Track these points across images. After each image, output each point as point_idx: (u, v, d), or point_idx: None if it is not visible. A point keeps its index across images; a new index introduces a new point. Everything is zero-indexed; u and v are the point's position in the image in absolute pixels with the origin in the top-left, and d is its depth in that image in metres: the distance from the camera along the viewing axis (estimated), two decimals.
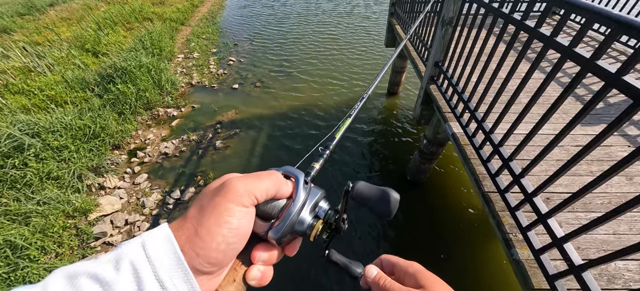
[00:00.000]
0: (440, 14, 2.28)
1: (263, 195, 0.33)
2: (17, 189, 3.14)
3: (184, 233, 0.29)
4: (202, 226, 0.29)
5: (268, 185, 0.34)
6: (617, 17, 0.92)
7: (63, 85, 4.70)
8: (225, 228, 0.29)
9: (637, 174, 1.75)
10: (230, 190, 0.31)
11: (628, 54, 3.15)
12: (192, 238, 0.29)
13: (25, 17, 8.69)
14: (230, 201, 0.30)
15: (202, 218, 0.29)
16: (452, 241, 3.06)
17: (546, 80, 1.24)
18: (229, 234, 0.30)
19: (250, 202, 0.32)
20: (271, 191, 0.34)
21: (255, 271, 0.35)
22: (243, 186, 0.31)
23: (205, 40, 8.05)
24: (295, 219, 0.35)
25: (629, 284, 1.27)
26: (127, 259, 0.26)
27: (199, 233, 0.29)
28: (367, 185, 0.37)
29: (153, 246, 0.27)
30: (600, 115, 2.28)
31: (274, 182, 0.35)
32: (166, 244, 0.28)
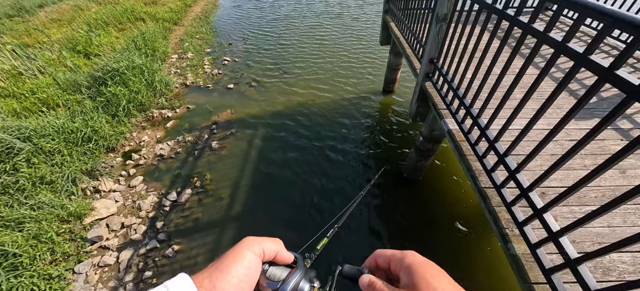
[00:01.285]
0: (434, 11, 2.28)
1: (268, 249, 0.44)
2: (10, 194, 3.08)
3: (205, 272, 0.38)
4: (222, 263, 0.39)
5: (272, 244, 0.44)
6: (609, 11, 0.92)
7: (54, 87, 4.62)
8: (240, 265, 0.39)
9: (630, 167, 1.77)
10: (245, 241, 0.42)
11: (620, 48, 3.19)
12: (212, 273, 0.37)
13: (14, 19, 8.52)
14: (244, 248, 0.41)
15: (223, 258, 0.39)
16: (451, 237, 3.09)
17: (540, 76, 1.25)
18: (241, 270, 0.39)
19: (258, 251, 0.42)
20: (273, 249, 0.44)
21: None
22: (254, 240, 0.43)
23: (199, 40, 7.97)
24: (298, 282, 0.44)
25: (624, 276, 1.28)
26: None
27: (219, 268, 0.38)
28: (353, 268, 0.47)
29: (175, 287, 0.34)
30: (594, 109, 2.30)
31: (277, 243, 0.45)
32: (186, 287, 0.34)
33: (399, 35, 3.97)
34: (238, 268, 0.38)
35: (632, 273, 1.29)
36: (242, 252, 0.40)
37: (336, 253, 3.00)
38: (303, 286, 0.44)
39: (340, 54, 7.00)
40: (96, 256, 3.01)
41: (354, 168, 4.02)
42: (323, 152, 4.28)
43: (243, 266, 0.39)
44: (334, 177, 3.90)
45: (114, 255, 3.03)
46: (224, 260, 0.39)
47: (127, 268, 2.94)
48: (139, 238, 3.19)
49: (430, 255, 0.37)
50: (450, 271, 0.36)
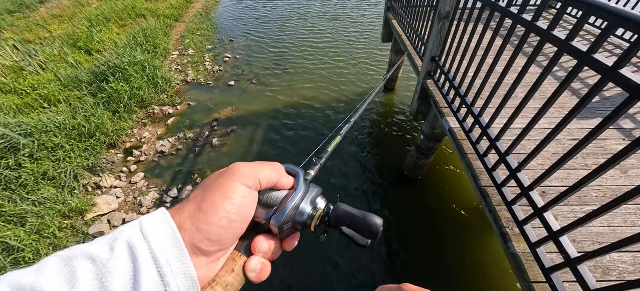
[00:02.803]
0: (436, 9, 2.27)
1: (266, 180, 0.35)
2: (12, 190, 3.10)
3: (186, 210, 0.30)
4: (206, 201, 0.30)
5: (271, 173, 0.36)
6: (614, 10, 0.91)
7: (56, 83, 4.62)
8: (229, 204, 0.31)
9: (631, 167, 1.77)
10: (235, 171, 0.33)
11: (624, 47, 3.16)
12: (194, 213, 0.29)
13: (15, 15, 8.51)
14: (236, 180, 0.32)
15: (206, 194, 0.31)
16: (450, 236, 3.09)
17: (543, 75, 1.24)
18: (232, 209, 0.31)
19: (253, 184, 0.34)
20: (273, 178, 0.36)
21: (255, 262, 0.34)
22: (248, 168, 0.34)
23: (200, 37, 7.95)
24: (297, 205, 0.36)
25: (624, 275, 1.28)
26: (123, 238, 0.26)
27: (202, 208, 0.30)
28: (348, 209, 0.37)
29: (150, 225, 0.27)
30: (596, 109, 2.29)
31: (277, 171, 0.37)
32: (163, 223, 0.28)
33: (401, 32, 3.95)
34: (227, 207, 0.30)
35: (632, 273, 1.29)
36: (233, 186, 0.32)
37: (337, 253, 3.02)
38: (303, 209, 0.37)
39: (342, 51, 6.97)
40: None
41: (355, 166, 4.02)
42: None
43: (234, 203, 0.31)
44: (335, 174, 3.90)
45: None
46: (209, 195, 0.30)
47: None
48: None
49: (430, 256, 0.37)
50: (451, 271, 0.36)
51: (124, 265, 0.25)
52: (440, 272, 2.81)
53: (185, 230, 0.28)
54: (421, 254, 2.97)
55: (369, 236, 0.35)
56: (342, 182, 3.79)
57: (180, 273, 0.27)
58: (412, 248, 3.03)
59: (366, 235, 0.35)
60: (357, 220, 0.36)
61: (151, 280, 0.25)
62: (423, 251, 2.98)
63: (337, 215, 0.37)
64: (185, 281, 0.27)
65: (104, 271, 0.24)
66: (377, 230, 0.35)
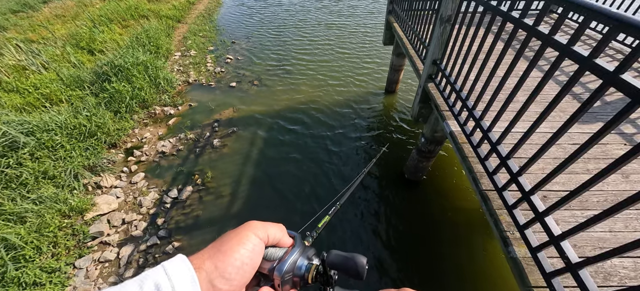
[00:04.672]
0: (438, 12, 2.28)
1: (272, 236, 0.42)
2: (13, 189, 3.10)
3: (206, 253, 0.36)
4: (225, 245, 0.37)
5: (277, 231, 0.44)
6: (616, 15, 0.92)
7: (58, 83, 4.64)
8: (243, 248, 0.37)
9: (633, 172, 1.76)
10: (250, 225, 0.41)
11: (625, 52, 3.16)
12: (214, 254, 0.35)
13: (18, 14, 8.57)
14: (250, 230, 0.40)
15: (225, 240, 0.37)
16: (450, 239, 3.08)
17: (544, 79, 1.24)
18: (245, 253, 0.37)
19: (263, 236, 0.41)
20: (278, 235, 0.44)
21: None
22: (260, 224, 0.41)
23: (203, 38, 7.99)
24: (296, 259, 0.43)
25: (625, 281, 1.28)
26: (150, 279, 0.30)
27: (221, 249, 0.36)
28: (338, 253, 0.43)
29: (172, 267, 0.32)
30: (597, 113, 2.29)
31: (281, 230, 0.45)
32: (182, 265, 0.33)
33: (402, 36, 3.96)
34: (242, 251, 0.37)
35: (634, 278, 1.28)
36: (247, 235, 0.39)
37: None
38: (301, 263, 0.43)
39: (343, 54, 6.99)
40: (97, 252, 3.02)
41: (355, 168, 4.02)
42: (324, 151, 4.27)
43: (247, 249, 0.37)
44: (335, 175, 3.90)
45: (114, 251, 3.04)
46: (227, 242, 0.37)
47: (128, 264, 2.95)
48: (139, 234, 3.20)
49: (429, 258, 0.37)
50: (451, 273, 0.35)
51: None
52: (439, 275, 2.79)
53: (203, 270, 0.34)
54: (420, 257, 2.96)
55: (357, 274, 0.41)
56: (342, 184, 3.78)
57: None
58: (412, 250, 3.02)
59: (354, 273, 0.41)
60: (347, 261, 0.42)
61: None
62: (422, 254, 2.97)
63: (330, 259, 0.43)
64: None
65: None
66: (362, 268, 0.41)
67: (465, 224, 3.20)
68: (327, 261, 0.43)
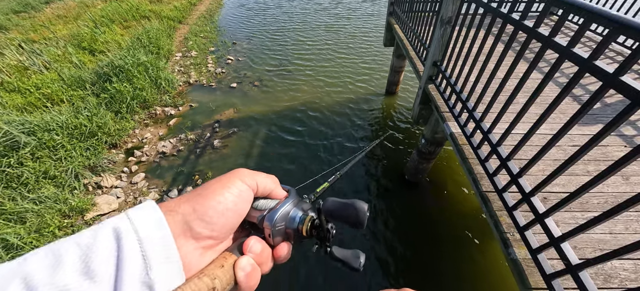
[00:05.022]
0: (438, 14, 2.28)
1: (262, 185, 0.38)
2: (13, 188, 3.11)
3: (184, 196, 0.32)
4: (206, 189, 0.33)
5: (268, 181, 0.39)
6: (615, 17, 0.92)
7: (59, 83, 4.66)
8: (227, 192, 0.33)
9: (633, 174, 1.76)
10: (237, 170, 0.37)
11: (625, 54, 3.17)
12: (193, 197, 0.32)
13: (20, 15, 8.61)
14: (236, 177, 0.36)
15: (208, 185, 0.34)
16: (450, 240, 3.07)
17: (544, 80, 1.24)
18: (229, 198, 0.33)
19: (251, 183, 0.37)
20: (269, 186, 0.39)
21: (245, 261, 0.34)
22: (247, 171, 0.38)
23: (203, 39, 8.01)
24: (289, 209, 0.39)
25: (625, 283, 1.27)
26: (109, 224, 0.27)
27: (201, 193, 0.32)
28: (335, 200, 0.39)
29: (136, 210, 0.28)
30: (597, 115, 2.29)
31: (273, 181, 0.40)
32: (150, 208, 0.29)
33: (403, 37, 3.97)
34: (226, 195, 0.33)
35: (634, 280, 1.28)
36: (232, 180, 0.35)
37: None
38: (294, 214, 0.39)
39: (344, 55, 7.00)
40: None
41: (355, 169, 4.02)
42: (325, 151, 4.28)
43: (232, 194, 0.34)
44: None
45: None
46: (209, 187, 0.33)
47: None
48: None
49: (430, 259, 0.37)
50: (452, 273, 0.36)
51: (108, 246, 0.25)
52: (439, 276, 2.79)
53: (177, 212, 0.30)
54: (420, 258, 2.95)
55: (357, 222, 0.36)
56: (342, 185, 3.79)
57: (162, 256, 0.27)
58: (412, 252, 3.02)
59: (353, 220, 0.37)
60: (345, 207, 0.37)
61: (135, 262, 0.25)
62: (422, 255, 2.97)
63: (327, 206, 0.38)
64: (168, 265, 0.27)
65: (87, 252, 0.24)
66: (363, 214, 0.36)
67: (465, 225, 3.20)
68: (324, 209, 0.38)
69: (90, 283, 0.23)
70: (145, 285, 0.25)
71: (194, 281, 0.29)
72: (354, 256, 0.40)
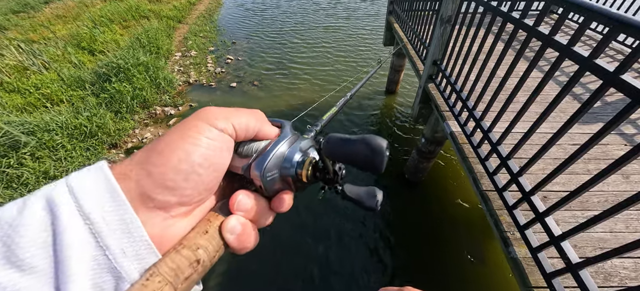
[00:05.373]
0: (438, 13, 2.28)
1: (242, 127, 0.28)
2: (14, 188, 3.11)
3: (136, 156, 0.24)
4: (161, 142, 0.24)
5: (249, 119, 0.29)
6: (616, 16, 0.92)
7: (59, 83, 4.65)
8: (190, 144, 0.24)
9: (633, 173, 1.76)
10: (202, 111, 0.27)
11: (625, 53, 3.16)
12: (146, 157, 0.23)
13: (19, 15, 8.59)
14: (201, 119, 0.26)
15: (163, 136, 0.25)
16: (449, 239, 3.08)
17: (544, 79, 1.24)
18: (194, 151, 0.24)
19: (225, 127, 0.27)
20: (252, 125, 0.29)
21: (233, 221, 0.27)
22: (219, 111, 0.27)
23: (203, 39, 8.00)
24: (283, 151, 0.30)
25: (625, 282, 1.28)
26: (39, 193, 0.20)
27: (156, 148, 0.24)
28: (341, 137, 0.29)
29: (78, 177, 0.21)
30: (598, 113, 2.29)
31: (257, 118, 0.30)
32: (96, 171, 0.22)
33: (403, 36, 3.96)
34: (188, 148, 0.24)
35: (634, 279, 1.28)
36: (197, 126, 0.25)
37: (336, 255, 3.01)
38: (291, 155, 0.31)
39: (343, 54, 7.00)
40: None
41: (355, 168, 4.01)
42: None
43: (198, 145, 0.25)
44: None
45: None
46: (165, 137, 0.24)
47: None
48: None
49: (430, 259, 0.36)
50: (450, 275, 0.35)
51: (39, 223, 0.19)
52: (439, 276, 2.79)
53: (130, 178, 0.22)
54: (421, 256, 2.95)
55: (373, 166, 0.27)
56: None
57: (120, 230, 0.21)
58: (413, 250, 3.02)
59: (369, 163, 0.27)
60: (355, 145, 0.27)
61: (80, 240, 0.19)
62: (423, 254, 2.97)
63: (330, 145, 0.29)
64: (130, 241, 0.21)
65: (9, 232, 0.18)
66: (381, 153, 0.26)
67: (466, 224, 3.20)
68: (324, 149, 0.29)
69: (17, 273, 0.18)
70: (103, 269, 0.20)
71: (171, 256, 0.23)
72: (370, 194, 0.33)
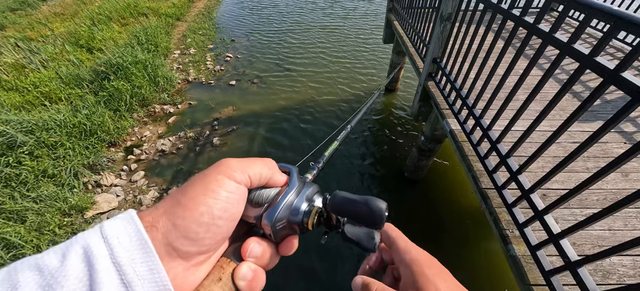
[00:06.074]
0: (438, 10, 2.27)
1: (257, 176, 0.32)
2: (12, 187, 3.10)
3: (162, 207, 0.26)
4: (185, 195, 0.27)
5: (262, 168, 0.33)
6: (616, 13, 0.91)
7: (57, 81, 4.63)
8: (211, 198, 0.27)
9: (633, 171, 1.76)
10: (221, 165, 0.30)
11: (626, 51, 3.16)
12: (171, 209, 0.26)
13: (17, 13, 8.53)
14: (221, 173, 0.29)
15: (187, 189, 0.27)
16: (449, 237, 3.08)
17: (544, 77, 1.24)
18: (215, 204, 0.27)
19: (242, 179, 0.30)
20: (265, 174, 0.33)
21: (245, 268, 0.30)
22: (236, 163, 0.30)
23: (202, 36, 7.96)
24: (291, 201, 0.33)
25: (624, 279, 1.28)
26: (78, 243, 0.22)
27: (181, 202, 0.26)
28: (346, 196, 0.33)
29: (112, 226, 0.24)
30: (597, 112, 2.29)
31: (269, 167, 0.34)
32: (128, 222, 0.24)
33: (402, 33, 3.95)
34: (210, 203, 0.27)
35: (632, 276, 1.29)
36: (218, 180, 0.28)
37: (336, 254, 3.01)
38: (298, 205, 0.34)
39: (343, 52, 6.97)
40: None
41: (356, 166, 4.02)
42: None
43: (219, 199, 0.27)
44: (336, 171, 3.90)
45: None
46: (188, 191, 0.27)
47: None
48: None
49: (431, 254, 0.36)
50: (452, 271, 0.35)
51: (77, 274, 0.21)
52: None
53: (157, 229, 0.25)
54: None
55: (373, 224, 0.31)
56: (343, 182, 3.79)
57: (148, 280, 0.23)
58: None
59: (369, 222, 0.31)
60: (358, 206, 0.31)
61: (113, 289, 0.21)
62: None
63: (335, 202, 0.33)
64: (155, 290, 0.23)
65: (51, 282, 0.20)
66: (381, 215, 0.31)
67: (465, 222, 3.21)
68: (330, 205, 0.33)
69: None
70: None
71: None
72: (369, 236, 0.36)
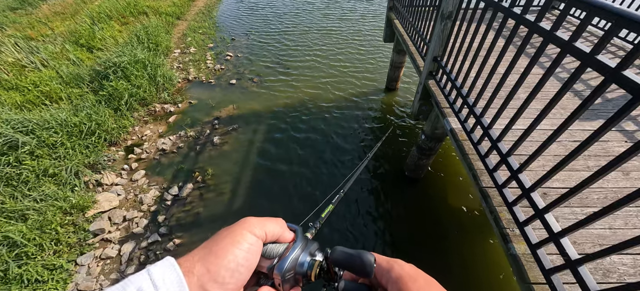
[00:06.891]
0: (439, 8, 2.26)
1: (271, 232, 0.40)
2: (14, 187, 3.11)
3: (197, 254, 0.33)
4: (217, 245, 0.34)
5: (275, 226, 0.41)
6: (618, 11, 0.91)
7: (57, 80, 4.63)
8: (238, 249, 0.34)
9: (633, 170, 1.76)
10: (245, 222, 0.38)
11: (627, 49, 3.15)
12: (205, 256, 0.33)
13: (17, 12, 8.53)
14: (245, 229, 0.37)
15: (218, 240, 0.35)
16: (450, 236, 3.09)
17: (545, 75, 1.23)
18: (240, 254, 0.34)
19: (260, 233, 0.38)
20: (277, 231, 0.41)
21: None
22: (256, 221, 0.39)
23: (202, 35, 7.95)
24: (297, 255, 0.40)
25: (624, 278, 1.28)
26: (133, 286, 0.28)
27: (213, 251, 0.34)
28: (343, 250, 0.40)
29: (158, 273, 0.30)
30: (598, 110, 2.28)
31: (280, 226, 0.42)
32: (170, 270, 0.30)
33: (403, 32, 3.94)
34: (236, 252, 0.34)
35: (633, 275, 1.29)
36: (242, 234, 0.36)
37: None
38: (303, 260, 0.41)
39: (343, 51, 6.96)
40: (98, 249, 3.04)
41: (356, 162, 4.02)
42: (325, 147, 4.27)
43: (242, 249, 0.35)
44: (336, 170, 3.90)
45: (115, 248, 3.06)
46: (219, 242, 0.35)
47: (129, 261, 2.97)
48: (140, 231, 3.22)
49: (430, 256, 0.36)
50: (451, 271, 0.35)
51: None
52: (440, 272, 2.80)
53: (193, 274, 0.31)
54: (421, 254, 2.97)
55: (365, 274, 0.38)
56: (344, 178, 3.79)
57: None
58: (412, 249, 3.03)
59: (362, 272, 0.38)
60: (353, 258, 0.39)
61: None
62: (423, 252, 2.98)
63: (335, 256, 0.40)
64: None
65: None
66: (371, 266, 0.37)
67: (466, 221, 3.21)
68: (332, 258, 0.40)
69: None
70: None
71: None
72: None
